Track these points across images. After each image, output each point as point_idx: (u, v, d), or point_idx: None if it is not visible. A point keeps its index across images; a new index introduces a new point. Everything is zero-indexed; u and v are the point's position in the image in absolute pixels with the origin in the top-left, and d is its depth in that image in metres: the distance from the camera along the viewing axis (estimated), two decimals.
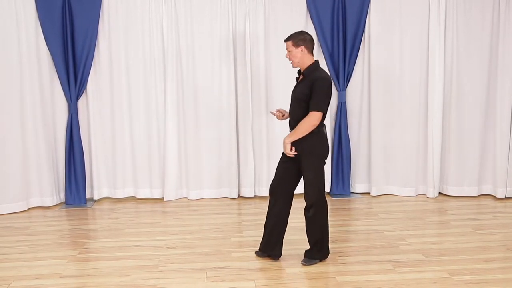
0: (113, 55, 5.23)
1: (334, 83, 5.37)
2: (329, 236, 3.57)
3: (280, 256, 3.57)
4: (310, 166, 3.40)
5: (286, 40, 3.45)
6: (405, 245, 3.86)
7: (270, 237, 3.56)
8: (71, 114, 5.20)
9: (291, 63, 3.48)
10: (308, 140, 3.38)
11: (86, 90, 5.27)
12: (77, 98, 5.22)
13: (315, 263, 3.49)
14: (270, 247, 3.57)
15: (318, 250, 3.49)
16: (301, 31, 3.48)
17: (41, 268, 3.50)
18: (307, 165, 3.41)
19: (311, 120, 3.31)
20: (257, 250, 3.69)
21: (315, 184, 3.40)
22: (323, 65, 5.34)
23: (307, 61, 3.42)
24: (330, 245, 3.62)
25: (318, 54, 5.35)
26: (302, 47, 3.40)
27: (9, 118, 4.91)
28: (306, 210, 3.46)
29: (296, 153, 3.40)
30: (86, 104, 5.32)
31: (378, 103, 5.38)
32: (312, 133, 3.36)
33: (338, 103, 5.42)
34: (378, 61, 5.33)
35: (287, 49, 3.45)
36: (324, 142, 3.43)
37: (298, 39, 3.41)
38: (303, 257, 3.55)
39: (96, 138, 5.33)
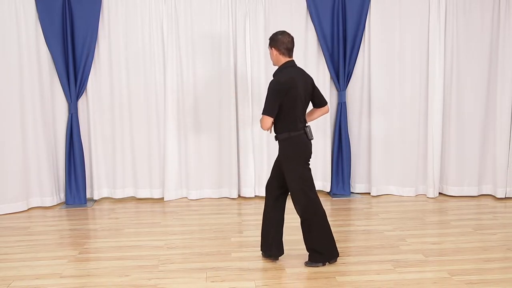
0: (113, 55, 5.23)
1: (334, 83, 5.38)
2: (333, 237, 3.48)
3: (278, 256, 3.54)
4: (289, 173, 3.35)
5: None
6: (405, 245, 3.86)
7: (265, 237, 3.54)
8: (71, 114, 5.20)
9: None
10: (281, 146, 3.36)
11: (86, 90, 5.27)
12: (77, 98, 5.22)
13: (318, 266, 3.42)
14: (267, 247, 3.54)
15: (319, 254, 3.41)
16: (276, 32, 3.44)
17: (41, 268, 3.50)
18: (287, 172, 3.35)
19: (261, 124, 3.31)
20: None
21: (298, 190, 3.33)
22: (323, 65, 5.35)
23: (280, 62, 3.41)
24: None
25: (318, 54, 5.36)
26: (273, 48, 3.40)
27: (9, 118, 4.91)
28: (300, 218, 3.40)
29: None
30: (86, 104, 5.32)
31: (378, 103, 5.38)
32: (283, 139, 3.33)
33: (338, 103, 5.42)
34: (378, 61, 5.33)
35: None
36: (297, 145, 3.32)
37: (270, 39, 3.42)
38: (303, 257, 3.54)
39: (96, 138, 5.33)
